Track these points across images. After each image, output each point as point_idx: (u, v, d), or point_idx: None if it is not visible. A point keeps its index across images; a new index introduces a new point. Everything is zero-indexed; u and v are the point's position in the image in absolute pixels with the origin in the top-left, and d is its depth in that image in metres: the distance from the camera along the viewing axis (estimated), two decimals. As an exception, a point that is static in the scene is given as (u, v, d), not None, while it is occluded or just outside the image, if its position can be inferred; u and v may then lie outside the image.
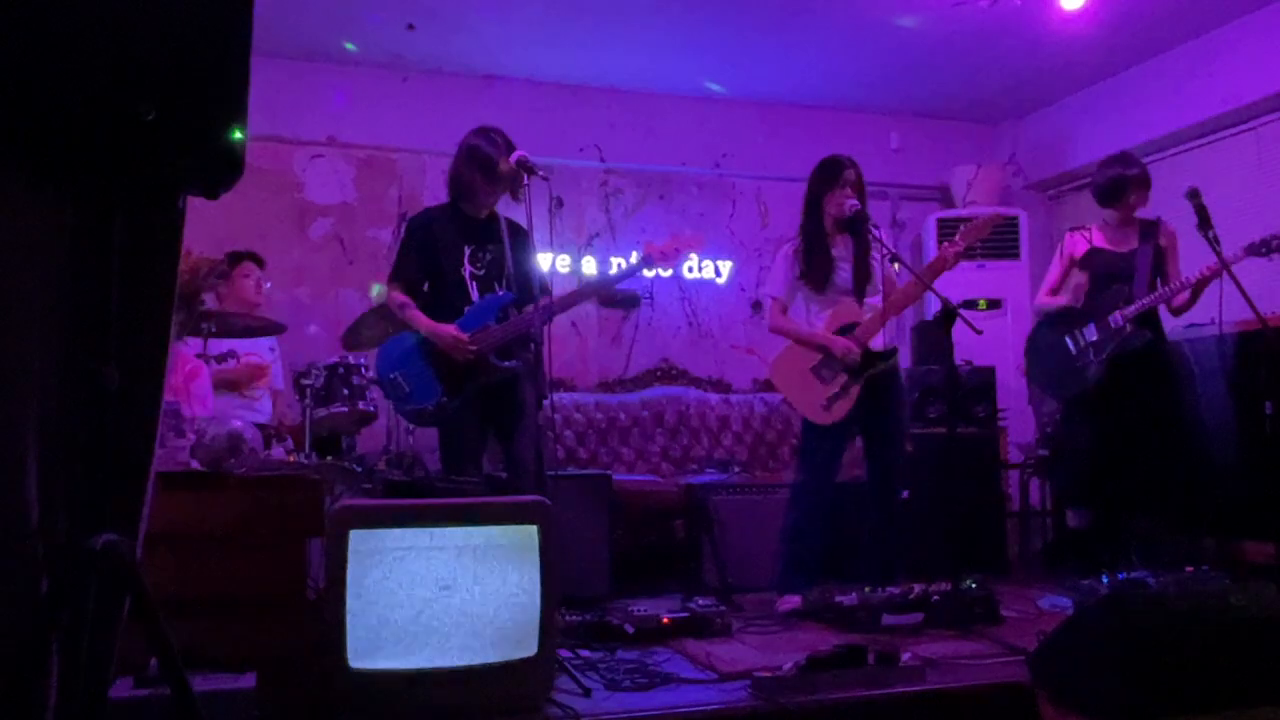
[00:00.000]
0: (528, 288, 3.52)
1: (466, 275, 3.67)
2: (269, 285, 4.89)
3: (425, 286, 3.73)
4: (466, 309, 3.61)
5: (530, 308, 3.42)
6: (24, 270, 1.63)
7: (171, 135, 1.52)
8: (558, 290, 4.00)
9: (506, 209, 3.76)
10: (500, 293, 3.64)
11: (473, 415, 3.60)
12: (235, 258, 4.64)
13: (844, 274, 3.95)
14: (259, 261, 4.74)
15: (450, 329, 3.55)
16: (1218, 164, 5.58)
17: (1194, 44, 5.57)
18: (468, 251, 3.67)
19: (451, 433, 3.63)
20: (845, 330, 3.89)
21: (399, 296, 3.67)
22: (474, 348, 3.52)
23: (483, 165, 3.61)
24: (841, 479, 4.07)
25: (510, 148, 3.61)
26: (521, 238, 3.65)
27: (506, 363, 3.58)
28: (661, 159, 6.25)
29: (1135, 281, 4.17)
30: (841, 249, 3.96)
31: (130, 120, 1.48)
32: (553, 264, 5.78)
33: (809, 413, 3.88)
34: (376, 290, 5.31)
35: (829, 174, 3.93)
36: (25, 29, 1.42)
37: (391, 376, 3.63)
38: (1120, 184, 4.26)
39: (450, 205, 3.76)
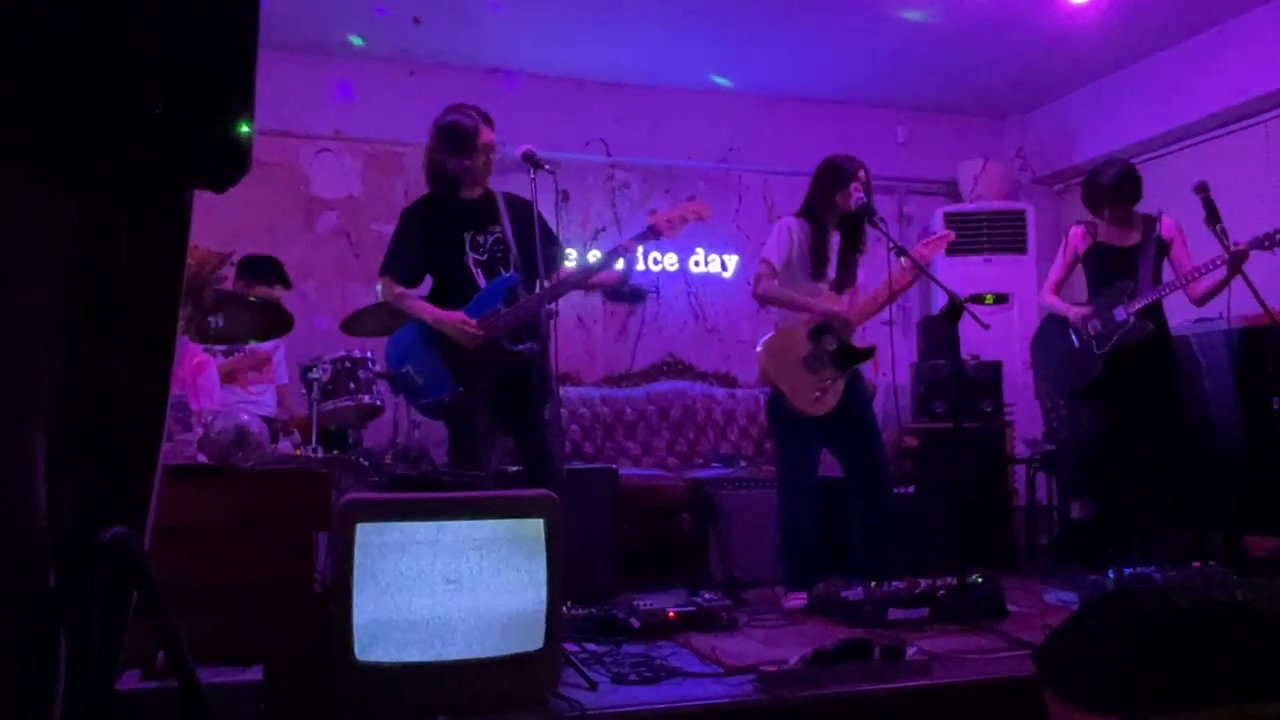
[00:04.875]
0: (534, 266, 3.41)
1: (470, 263, 3.55)
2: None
3: (429, 279, 3.64)
4: (474, 296, 3.51)
5: (539, 288, 3.37)
6: (31, 265, 1.63)
7: (178, 130, 1.52)
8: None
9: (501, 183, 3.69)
10: (507, 275, 3.53)
11: (485, 408, 3.52)
12: (264, 275, 4.55)
13: (833, 268, 4.00)
14: (286, 283, 4.68)
15: (455, 314, 3.44)
16: (1226, 158, 5.55)
17: (1202, 38, 5.54)
18: (468, 238, 3.57)
19: (463, 426, 3.53)
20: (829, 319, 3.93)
21: (395, 288, 3.55)
22: (480, 332, 3.42)
23: (453, 138, 3.52)
24: (842, 476, 4.07)
25: (486, 120, 3.53)
26: (523, 212, 3.49)
27: (520, 346, 3.48)
28: (667, 153, 6.24)
29: (1139, 276, 4.17)
30: (834, 246, 4.00)
31: (136, 115, 1.48)
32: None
33: (800, 402, 3.85)
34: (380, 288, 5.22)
35: (840, 173, 3.93)
36: (30, 24, 1.42)
37: (403, 370, 3.54)
38: (1094, 193, 4.30)
39: (444, 193, 3.63)
